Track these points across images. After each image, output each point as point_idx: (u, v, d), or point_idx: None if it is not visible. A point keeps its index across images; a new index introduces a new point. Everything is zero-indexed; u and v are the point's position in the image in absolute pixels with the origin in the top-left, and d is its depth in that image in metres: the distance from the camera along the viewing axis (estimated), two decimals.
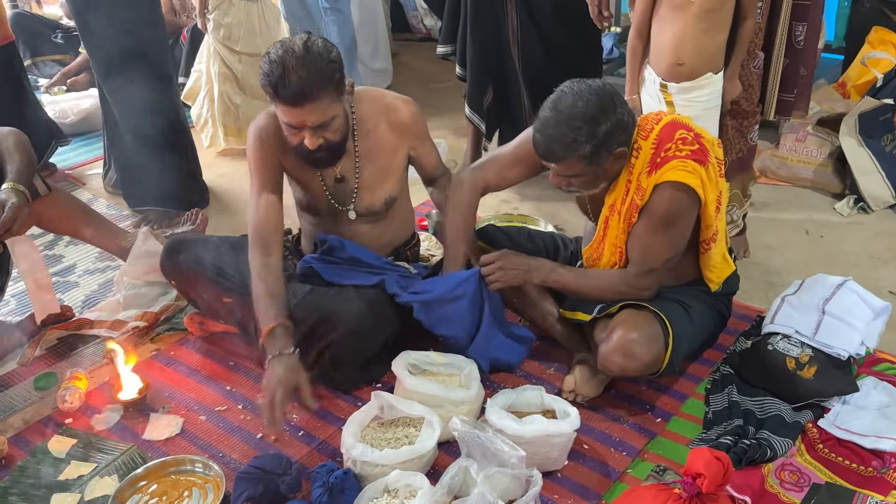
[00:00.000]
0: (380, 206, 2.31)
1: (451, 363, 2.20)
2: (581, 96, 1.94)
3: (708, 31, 2.43)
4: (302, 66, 1.95)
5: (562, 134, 1.93)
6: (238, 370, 2.39)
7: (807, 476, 1.94)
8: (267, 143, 2.21)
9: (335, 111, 2.06)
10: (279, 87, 1.96)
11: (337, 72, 2.02)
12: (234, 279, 2.27)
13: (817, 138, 3.40)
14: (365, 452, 1.88)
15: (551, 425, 1.92)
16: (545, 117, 1.97)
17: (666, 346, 2.04)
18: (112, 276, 2.87)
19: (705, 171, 2.01)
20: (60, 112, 4.24)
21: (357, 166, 2.26)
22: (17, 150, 2.33)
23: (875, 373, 2.26)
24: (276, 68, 1.96)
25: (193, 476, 1.98)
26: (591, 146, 1.94)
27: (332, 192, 2.28)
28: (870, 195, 3.23)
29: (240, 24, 3.64)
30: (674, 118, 2.09)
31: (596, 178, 2.05)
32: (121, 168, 3.36)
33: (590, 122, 1.92)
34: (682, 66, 2.47)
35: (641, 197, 2.04)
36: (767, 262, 2.90)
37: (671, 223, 2.04)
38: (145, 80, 3.06)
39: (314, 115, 2.02)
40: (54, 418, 2.22)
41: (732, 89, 2.60)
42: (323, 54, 1.99)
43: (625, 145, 2.01)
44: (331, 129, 2.07)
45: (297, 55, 1.95)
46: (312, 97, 1.98)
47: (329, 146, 2.10)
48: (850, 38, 4.38)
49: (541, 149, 2.00)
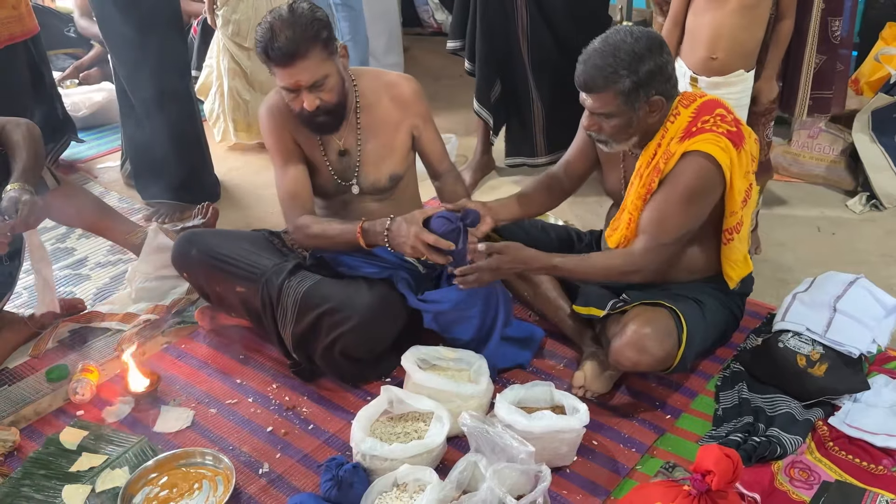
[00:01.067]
0: (385, 182, 2.33)
1: (460, 358, 2.20)
2: (632, 34, 1.96)
3: (746, 27, 2.41)
4: (288, 27, 2.05)
5: (605, 63, 1.94)
6: (248, 363, 2.40)
7: (817, 474, 1.94)
8: (279, 118, 2.28)
9: (327, 69, 2.12)
10: (269, 49, 2.06)
11: (323, 29, 2.09)
12: (246, 268, 2.28)
13: (830, 135, 3.38)
14: (374, 446, 1.88)
15: (560, 421, 1.92)
16: (592, 48, 1.99)
17: (679, 342, 2.04)
18: (124, 269, 2.89)
19: (737, 154, 2.00)
20: (73, 105, 4.25)
21: (359, 140, 2.30)
22: (25, 143, 2.33)
23: (886, 371, 2.25)
24: (266, 33, 2.07)
25: (203, 468, 1.99)
26: (631, 81, 1.93)
27: (335, 168, 2.32)
28: (882, 192, 3.21)
29: (248, 19, 3.64)
30: (718, 98, 2.09)
31: (628, 124, 2.02)
32: (135, 160, 3.37)
33: (635, 57, 1.93)
34: (715, 59, 2.45)
35: (666, 161, 2.02)
36: (779, 259, 2.89)
37: (693, 196, 2.02)
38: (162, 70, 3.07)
39: (306, 74, 2.08)
40: (66, 410, 2.24)
41: (770, 91, 2.59)
42: (307, 14, 2.08)
43: (663, 95, 1.99)
44: (325, 89, 2.13)
45: (284, 18, 2.07)
46: (301, 54, 2.05)
47: (327, 108, 2.16)
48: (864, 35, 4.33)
49: (581, 78, 2.00)
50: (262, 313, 2.25)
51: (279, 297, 2.20)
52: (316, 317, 2.16)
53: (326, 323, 2.16)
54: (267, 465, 2.02)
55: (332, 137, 2.29)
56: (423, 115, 2.36)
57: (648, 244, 2.07)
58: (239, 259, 2.30)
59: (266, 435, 2.12)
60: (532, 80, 3.32)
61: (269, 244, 2.41)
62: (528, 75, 3.31)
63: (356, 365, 2.26)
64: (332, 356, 2.20)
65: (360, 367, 2.28)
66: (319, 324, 2.16)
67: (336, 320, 2.14)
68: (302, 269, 2.27)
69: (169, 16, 3.06)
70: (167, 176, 3.25)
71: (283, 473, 2.00)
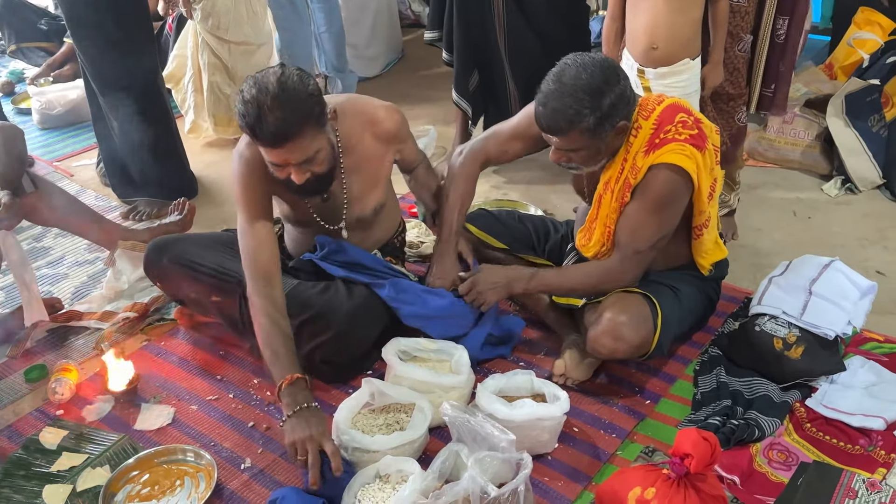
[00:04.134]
0: (370, 214, 2.29)
1: (441, 349, 2.21)
2: (585, 68, 1.93)
3: (680, 10, 2.42)
4: (278, 107, 1.84)
5: (566, 106, 1.92)
6: (228, 360, 2.40)
7: (795, 455, 1.96)
8: (254, 170, 2.09)
9: (319, 145, 1.97)
10: (257, 129, 1.86)
11: (316, 105, 1.92)
12: (220, 276, 2.24)
13: (804, 120, 3.41)
14: (356, 438, 1.89)
15: (541, 409, 1.93)
16: (548, 90, 1.95)
17: (654, 328, 2.05)
18: (101, 267, 2.88)
19: (702, 156, 2.01)
20: (47, 103, 4.22)
21: (344, 183, 2.21)
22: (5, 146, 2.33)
23: (862, 352, 2.27)
24: (251, 109, 1.85)
25: (185, 465, 1.99)
26: (595, 118, 1.93)
27: (319, 212, 2.24)
28: (857, 176, 3.24)
29: (227, 12, 3.61)
30: (676, 101, 2.08)
31: (597, 153, 2.04)
32: (108, 158, 3.34)
33: (594, 93, 1.91)
34: (656, 49, 2.46)
35: (635, 176, 2.04)
36: (755, 244, 2.91)
37: (663, 206, 2.04)
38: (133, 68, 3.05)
39: (297, 153, 1.93)
40: (45, 410, 2.22)
41: (716, 76, 2.59)
42: (300, 89, 1.88)
43: (626, 119, 2.00)
44: (316, 163, 1.99)
45: (273, 94, 1.84)
46: (293, 136, 1.88)
47: (317, 178, 2.03)
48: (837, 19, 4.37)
49: (544, 122, 1.98)
50: (241, 320, 2.22)
51: None
52: (296, 326, 2.09)
53: (307, 331, 2.13)
54: (249, 460, 2.02)
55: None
56: (404, 139, 2.30)
57: (625, 254, 2.10)
58: (213, 267, 2.25)
59: (247, 430, 2.12)
60: (508, 67, 3.32)
61: None
62: (504, 63, 3.32)
63: (336, 368, 2.25)
64: (313, 363, 2.18)
65: (341, 370, 2.26)
66: (300, 333, 2.11)
67: (316, 329, 2.13)
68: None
69: (138, 14, 3.03)
70: (142, 175, 3.23)
71: (265, 468, 1.99)
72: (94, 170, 3.63)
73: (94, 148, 3.61)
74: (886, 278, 2.66)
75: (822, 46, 4.36)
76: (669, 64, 2.47)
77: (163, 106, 3.22)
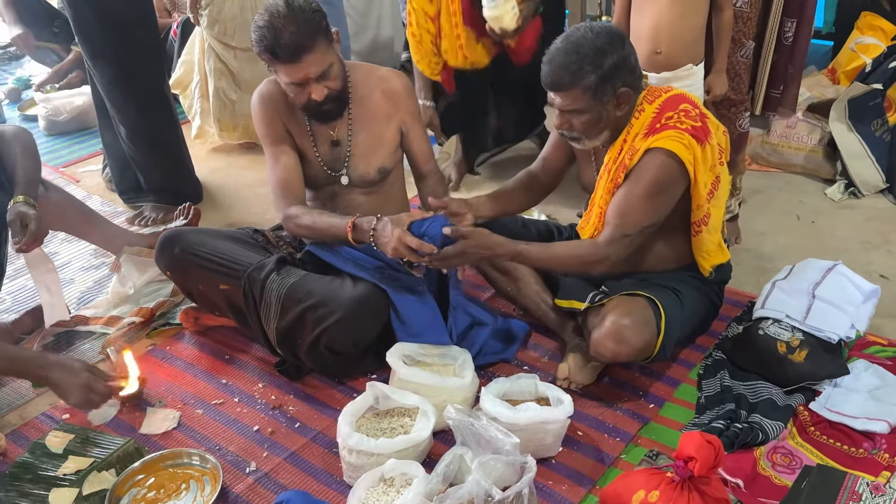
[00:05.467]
0: (373, 174, 2.34)
1: (445, 353, 2.21)
2: (591, 29, 2.00)
3: (683, 15, 2.44)
4: (291, 22, 2.04)
5: (569, 61, 1.97)
6: (234, 364, 2.41)
7: (798, 458, 1.96)
8: (271, 106, 2.30)
9: (331, 58, 2.15)
10: (276, 48, 2.05)
11: (323, 19, 2.11)
12: (229, 265, 2.29)
13: (808, 124, 3.41)
14: (361, 442, 1.89)
15: (545, 412, 1.94)
16: (554, 47, 2.02)
17: (658, 331, 2.06)
18: (107, 272, 2.88)
19: (701, 149, 2.02)
20: (53, 110, 4.24)
21: (350, 131, 2.31)
22: (24, 155, 2.37)
23: (865, 356, 2.27)
24: (267, 33, 2.05)
25: (191, 469, 1.99)
26: (597, 76, 1.96)
27: (324, 158, 2.33)
28: (860, 180, 3.24)
29: (234, 18, 3.63)
30: (683, 92, 2.11)
31: (598, 119, 2.05)
32: (114, 164, 3.36)
33: (597, 51, 1.96)
34: (659, 54, 2.48)
35: (631, 157, 2.06)
36: (759, 248, 2.91)
37: (655, 191, 2.05)
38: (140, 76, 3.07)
39: (314, 66, 2.10)
40: (51, 414, 2.23)
41: (720, 84, 2.60)
42: (305, 6, 2.08)
43: (629, 87, 2.02)
44: (331, 77, 2.16)
45: (283, 14, 2.05)
46: (308, 48, 2.07)
47: (333, 95, 2.19)
48: (840, 24, 4.39)
49: (547, 78, 2.03)
50: (246, 309, 2.26)
51: (262, 292, 2.21)
52: (300, 311, 2.16)
53: (311, 317, 2.16)
54: (254, 463, 2.03)
55: (324, 128, 2.30)
56: (412, 113, 2.38)
57: (613, 235, 2.09)
58: (222, 256, 2.30)
59: (252, 434, 2.13)
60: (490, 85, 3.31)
61: (252, 241, 2.42)
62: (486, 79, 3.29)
63: (341, 360, 2.26)
64: (318, 351, 2.20)
65: (346, 363, 2.28)
66: (304, 318, 2.17)
67: (320, 314, 2.15)
68: (286, 265, 2.28)
69: (144, 22, 3.05)
70: (148, 182, 3.25)
71: (270, 472, 2.00)
72: (100, 175, 3.65)
73: (100, 154, 3.62)
74: (890, 282, 2.66)
75: (824, 51, 4.37)
76: (672, 68, 2.48)
77: (169, 112, 3.24)
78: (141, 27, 3.03)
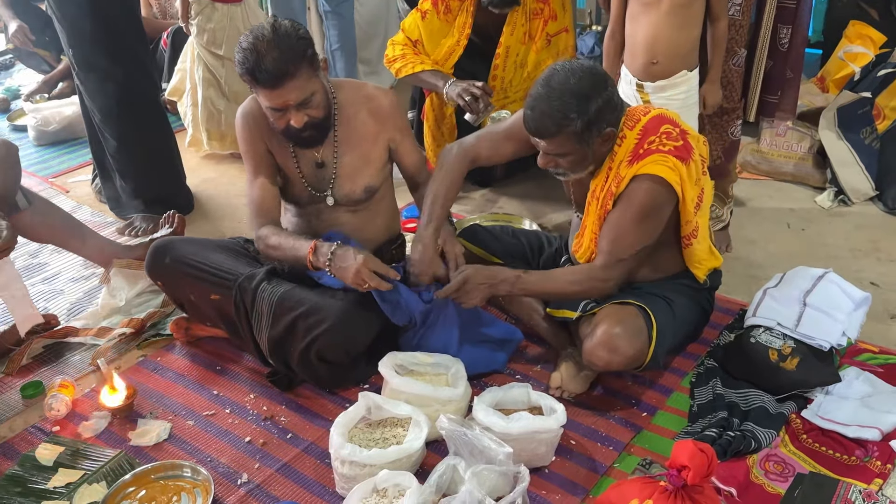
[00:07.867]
0: (360, 194, 2.33)
1: (437, 363, 2.21)
2: (573, 73, 1.95)
3: (681, 27, 2.45)
4: (274, 48, 2.02)
5: (553, 109, 1.94)
6: (225, 375, 2.39)
7: (791, 466, 1.96)
8: (253, 126, 2.28)
9: (314, 87, 2.12)
10: (256, 72, 2.03)
11: (308, 47, 2.08)
12: (220, 275, 2.28)
13: (797, 132, 3.43)
14: (353, 452, 1.88)
15: (538, 422, 1.93)
16: (537, 94, 1.98)
17: (649, 340, 2.06)
18: (97, 284, 2.86)
19: (686, 168, 2.02)
20: (42, 120, 4.22)
21: (336, 153, 2.30)
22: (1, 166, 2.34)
23: (857, 363, 2.28)
24: (250, 55, 2.03)
25: (182, 481, 1.98)
26: (582, 122, 1.95)
27: (309, 180, 2.32)
28: (850, 188, 3.26)
29: (223, 28, 3.63)
30: (662, 112, 2.10)
31: (584, 158, 2.05)
32: (104, 174, 3.35)
33: (581, 98, 1.93)
34: (656, 64, 2.49)
35: (618, 185, 2.06)
36: (750, 257, 2.92)
37: (645, 216, 2.05)
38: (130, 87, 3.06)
39: (294, 93, 2.07)
40: (41, 427, 2.21)
41: (714, 95, 2.62)
42: (291, 33, 2.06)
43: (614, 126, 2.02)
44: (313, 105, 2.14)
45: (268, 38, 2.02)
46: (290, 75, 2.04)
47: (314, 123, 2.17)
48: (828, 33, 4.42)
49: (531, 125, 2.00)
50: (237, 319, 2.25)
51: (254, 301, 2.20)
52: (291, 320, 2.16)
53: (302, 326, 2.16)
54: (245, 475, 2.01)
55: (309, 150, 2.29)
56: (400, 128, 2.36)
57: (607, 261, 2.10)
58: (213, 266, 2.30)
59: (244, 445, 2.12)
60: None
61: (243, 252, 2.42)
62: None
63: (333, 369, 2.25)
64: (309, 360, 2.19)
65: (338, 372, 2.27)
66: (295, 327, 2.16)
67: (312, 322, 2.15)
68: (276, 276, 2.28)
69: (134, 31, 3.05)
70: (139, 193, 3.23)
71: (261, 483, 1.99)
72: (90, 186, 3.64)
73: (90, 164, 3.61)
74: (880, 289, 2.67)
75: (814, 60, 4.40)
76: (668, 77, 2.49)
77: (160, 122, 3.23)
78: (130, 36, 3.02)
